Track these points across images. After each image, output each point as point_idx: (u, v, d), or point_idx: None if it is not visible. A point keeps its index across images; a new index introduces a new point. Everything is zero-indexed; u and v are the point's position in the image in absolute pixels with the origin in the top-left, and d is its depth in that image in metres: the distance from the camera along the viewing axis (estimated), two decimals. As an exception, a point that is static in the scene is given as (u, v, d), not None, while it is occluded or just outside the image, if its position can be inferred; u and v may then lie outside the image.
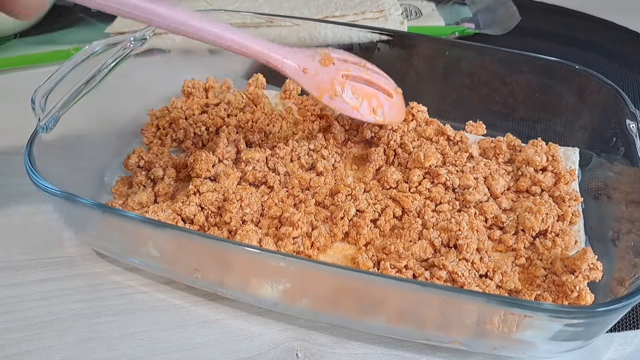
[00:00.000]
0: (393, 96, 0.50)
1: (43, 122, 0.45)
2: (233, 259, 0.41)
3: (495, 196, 0.49)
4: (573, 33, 0.83)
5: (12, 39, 0.78)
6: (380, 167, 0.52)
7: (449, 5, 0.89)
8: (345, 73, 0.47)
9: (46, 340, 0.41)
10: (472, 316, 0.37)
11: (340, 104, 0.47)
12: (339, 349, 0.41)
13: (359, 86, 0.48)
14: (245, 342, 0.42)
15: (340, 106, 0.47)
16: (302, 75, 0.46)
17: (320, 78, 0.46)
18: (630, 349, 0.42)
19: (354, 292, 0.39)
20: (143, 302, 0.44)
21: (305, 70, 0.46)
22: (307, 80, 0.46)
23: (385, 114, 0.49)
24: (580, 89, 0.55)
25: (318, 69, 0.47)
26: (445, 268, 0.41)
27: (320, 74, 0.46)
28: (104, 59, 0.52)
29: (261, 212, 0.47)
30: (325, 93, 0.46)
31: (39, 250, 0.48)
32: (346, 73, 0.47)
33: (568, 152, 0.54)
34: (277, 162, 0.51)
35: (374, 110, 0.48)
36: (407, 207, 0.47)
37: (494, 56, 0.59)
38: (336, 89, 0.46)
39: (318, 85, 0.46)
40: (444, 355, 0.41)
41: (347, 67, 0.48)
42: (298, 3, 0.80)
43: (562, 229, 0.46)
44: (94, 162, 0.51)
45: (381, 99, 0.49)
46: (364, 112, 0.48)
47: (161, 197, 0.49)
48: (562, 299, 0.40)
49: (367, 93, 0.48)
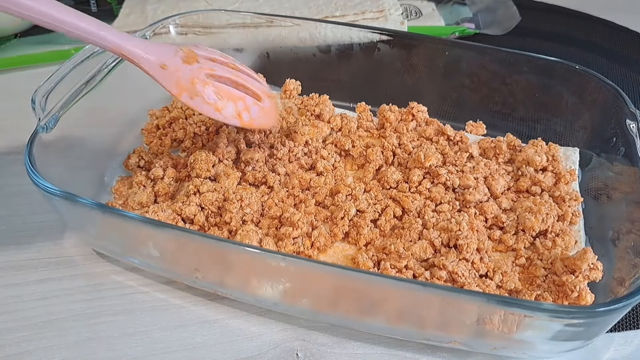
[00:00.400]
0: (263, 100, 0.48)
1: (43, 122, 0.45)
2: (233, 259, 0.41)
3: (495, 196, 0.49)
4: (573, 33, 0.83)
5: (12, 39, 0.78)
6: (380, 167, 0.52)
7: (449, 5, 0.89)
8: (209, 72, 0.45)
9: (46, 340, 0.41)
10: (472, 316, 0.37)
11: (200, 104, 0.44)
12: (339, 349, 0.41)
13: (223, 87, 0.45)
14: (246, 342, 0.42)
15: (201, 106, 0.44)
16: (160, 71, 0.43)
17: (180, 75, 0.44)
18: (630, 349, 0.42)
19: (354, 292, 0.39)
20: (143, 302, 0.44)
21: (164, 66, 0.43)
22: (166, 77, 0.44)
23: (252, 118, 0.47)
24: (580, 89, 0.55)
25: (179, 65, 0.44)
26: (446, 268, 0.41)
27: (180, 71, 0.44)
28: (104, 59, 0.52)
29: (261, 212, 0.47)
30: (184, 91, 0.44)
31: (39, 250, 0.48)
32: (211, 72, 0.45)
33: (568, 152, 0.54)
34: (277, 162, 0.51)
35: (239, 114, 0.46)
36: (407, 207, 0.47)
37: (494, 56, 0.59)
38: (197, 88, 0.44)
39: (177, 83, 0.44)
40: (444, 355, 0.41)
41: (213, 66, 0.45)
42: (298, 3, 0.80)
43: (562, 229, 0.46)
44: (94, 162, 0.51)
45: (248, 102, 0.47)
46: (227, 115, 0.45)
47: (161, 197, 0.49)
48: (562, 299, 0.40)
49: (232, 95, 0.46)
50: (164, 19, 0.61)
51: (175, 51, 0.45)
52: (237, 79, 0.46)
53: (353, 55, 0.63)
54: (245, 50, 0.66)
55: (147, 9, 0.79)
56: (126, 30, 0.75)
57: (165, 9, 0.78)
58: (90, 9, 0.87)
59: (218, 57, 0.47)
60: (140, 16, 0.78)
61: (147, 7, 0.79)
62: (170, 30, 0.62)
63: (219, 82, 0.45)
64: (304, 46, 0.64)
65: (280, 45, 0.65)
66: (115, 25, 0.77)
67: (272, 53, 0.66)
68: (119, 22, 0.78)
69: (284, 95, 0.61)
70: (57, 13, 0.39)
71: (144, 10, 0.78)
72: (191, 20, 0.66)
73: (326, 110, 0.57)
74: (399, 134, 0.55)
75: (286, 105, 0.60)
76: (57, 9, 0.40)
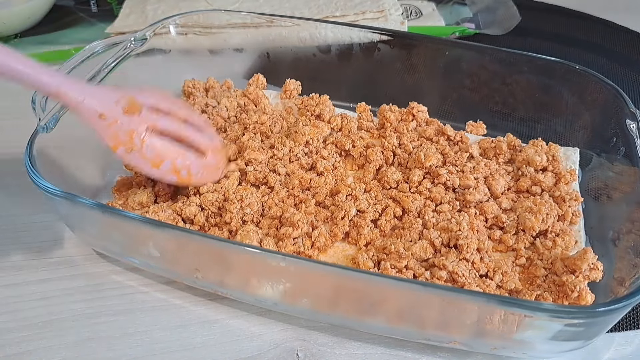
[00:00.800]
0: (207, 155, 0.46)
1: (43, 122, 0.45)
2: (233, 259, 0.41)
3: (495, 196, 0.49)
4: (573, 33, 0.83)
5: (12, 39, 0.78)
6: (380, 167, 0.52)
7: (449, 5, 0.89)
8: (151, 124, 0.43)
9: (46, 340, 0.41)
10: (473, 316, 0.37)
11: (136, 159, 0.43)
12: (339, 349, 0.41)
13: (163, 143, 0.44)
14: (246, 342, 0.42)
15: (137, 162, 0.43)
16: (98, 121, 0.41)
17: (118, 127, 0.42)
18: (630, 349, 0.42)
19: (354, 292, 0.39)
20: (143, 302, 0.44)
21: (103, 116, 0.41)
22: (103, 128, 0.41)
23: (191, 175, 0.45)
24: (581, 89, 0.55)
25: (118, 116, 0.42)
26: (446, 268, 0.41)
27: (119, 123, 0.42)
28: (104, 59, 0.52)
29: (262, 213, 0.47)
30: (120, 145, 0.42)
31: (39, 250, 0.48)
32: (153, 124, 0.43)
33: (568, 152, 0.54)
34: (277, 162, 0.51)
35: (178, 171, 0.44)
36: (408, 207, 0.47)
37: (494, 56, 0.59)
38: (134, 142, 0.42)
39: (115, 135, 0.42)
40: (444, 355, 0.41)
41: (156, 120, 0.43)
42: (298, 3, 0.80)
43: (562, 229, 0.46)
44: (94, 162, 0.51)
45: (189, 158, 0.45)
46: (164, 171, 0.44)
47: (161, 197, 0.49)
48: (562, 299, 0.40)
49: (171, 151, 0.44)
50: (164, 19, 0.61)
51: (117, 100, 0.42)
52: (180, 132, 0.44)
53: (353, 55, 0.63)
54: (245, 50, 0.66)
55: (147, 9, 0.79)
56: (126, 31, 0.75)
57: (165, 9, 0.78)
58: (91, 9, 0.87)
59: (164, 105, 0.44)
60: (140, 16, 0.78)
61: (147, 7, 0.79)
62: (171, 31, 0.62)
63: (157, 138, 0.43)
64: (304, 46, 0.64)
65: (280, 45, 0.65)
66: (115, 25, 0.77)
67: (272, 53, 0.66)
68: (119, 22, 0.78)
69: (284, 95, 0.61)
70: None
71: (144, 10, 0.78)
72: (191, 20, 0.66)
73: (326, 110, 0.57)
74: (399, 134, 0.55)
75: (286, 105, 0.60)
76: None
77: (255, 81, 0.63)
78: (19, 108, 0.49)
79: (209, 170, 0.47)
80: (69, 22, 0.83)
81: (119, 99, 0.42)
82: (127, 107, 0.42)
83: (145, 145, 0.43)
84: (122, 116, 0.42)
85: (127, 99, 0.42)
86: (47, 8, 0.81)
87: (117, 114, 0.42)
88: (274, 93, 0.62)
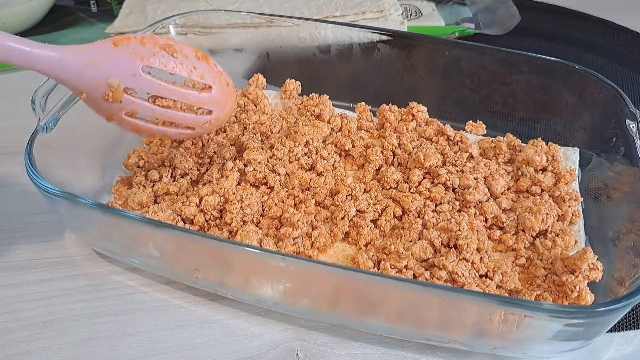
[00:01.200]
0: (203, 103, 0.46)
1: (43, 122, 0.45)
2: (233, 259, 0.41)
3: (495, 196, 0.49)
4: (573, 33, 0.83)
5: (12, 39, 0.78)
6: (380, 167, 0.52)
7: (449, 5, 0.89)
8: (131, 111, 0.42)
9: (46, 340, 0.41)
10: (472, 316, 0.37)
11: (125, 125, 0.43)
12: (339, 349, 0.41)
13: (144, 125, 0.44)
14: (246, 342, 0.42)
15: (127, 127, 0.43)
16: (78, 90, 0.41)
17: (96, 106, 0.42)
18: (630, 349, 0.42)
19: (354, 292, 0.39)
20: (143, 302, 0.44)
21: (83, 95, 0.41)
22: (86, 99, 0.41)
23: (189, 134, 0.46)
24: (580, 89, 0.55)
25: (98, 100, 0.41)
26: (446, 268, 0.41)
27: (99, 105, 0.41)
28: (104, 59, 0.52)
29: (261, 213, 0.47)
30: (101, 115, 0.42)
31: (39, 250, 0.48)
32: (132, 111, 0.42)
33: (568, 152, 0.54)
34: (277, 162, 0.51)
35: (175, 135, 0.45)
36: (407, 207, 0.47)
37: (494, 56, 0.59)
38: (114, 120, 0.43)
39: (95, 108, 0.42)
40: (444, 355, 0.41)
41: (136, 107, 0.42)
42: (298, 3, 0.80)
43: (562, 229, 0.46)
44: (94, 162, 0.51)
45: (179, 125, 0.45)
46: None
47: (161, 197, 0.49)
48: (562, 299, 0.40)
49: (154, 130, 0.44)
50: (164, 19, 0.61)
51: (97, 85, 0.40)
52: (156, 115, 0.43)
53: (353, 55, 0.63)
54: (245, 50, 0.66)
55: (147, 9, 0.79)
56: (126, 31, 0.75)
57: (165, 9, 0.78)
58: (91, 9, 0.87)
59: (157, 62, 0.42)
60: (140, 16, 0.78)
61: (147, 7, 0.79)
62: (170, 31, 0.62)
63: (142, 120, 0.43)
64: (304, 46, 0.64)
65: (280, 45, 0.65)
66: (115, 25, 0.77)
67: (272, 53, 0.66)
68: (119, 22, 0.78)
69: (284, 95, 0.61)
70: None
71: (144, 10, 0.78)
72: (191, 20, 0.66)
73: (326, 110, 0.57)
74: (399, 134, 0.55)
75: (286, 105, 0.60)
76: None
77: (255, 81, 0.63)
78: (19, 108, 0.49)
79: (210, 122, 0.46)
80: (69, 22, 0.83)
81: (101, 81, 0.40)
82: (108, 94, 0.40)
83: (125, 124, 0.43)
84: (101, 101, 0.41)
85: (110, 84, 0.40)
86: (47, 8, 0.81)
87: (98, 97, 0.41)
88: (274, 93, 0.62)
